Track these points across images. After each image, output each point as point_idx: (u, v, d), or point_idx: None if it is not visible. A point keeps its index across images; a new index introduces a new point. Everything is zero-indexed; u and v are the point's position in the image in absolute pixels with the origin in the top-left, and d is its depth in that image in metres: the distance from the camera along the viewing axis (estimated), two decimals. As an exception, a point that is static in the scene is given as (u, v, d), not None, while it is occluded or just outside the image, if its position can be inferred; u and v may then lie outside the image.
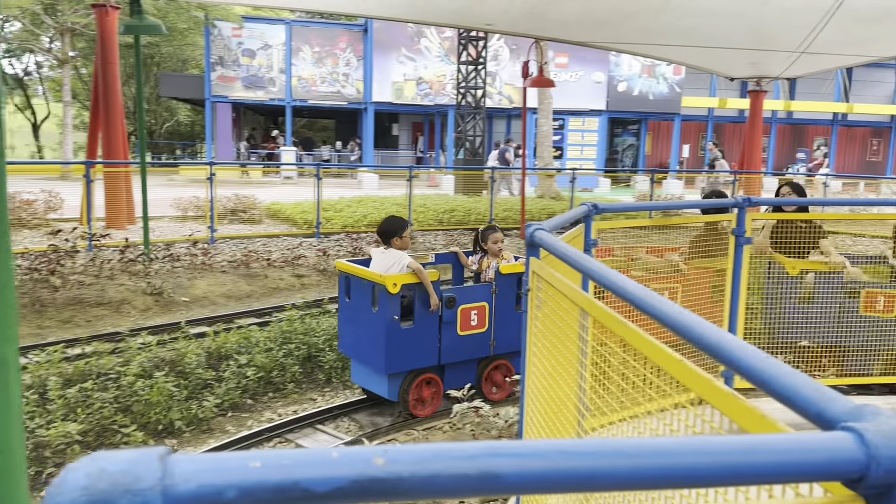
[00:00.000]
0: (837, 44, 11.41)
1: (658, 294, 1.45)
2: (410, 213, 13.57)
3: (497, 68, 27.61)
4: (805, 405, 0.92)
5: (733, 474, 0.75)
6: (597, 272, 1.75)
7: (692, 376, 1.24)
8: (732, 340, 1.14)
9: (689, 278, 4.71)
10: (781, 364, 1.02)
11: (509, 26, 12.13)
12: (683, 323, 1.29)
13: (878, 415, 0.82)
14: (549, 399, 2.27)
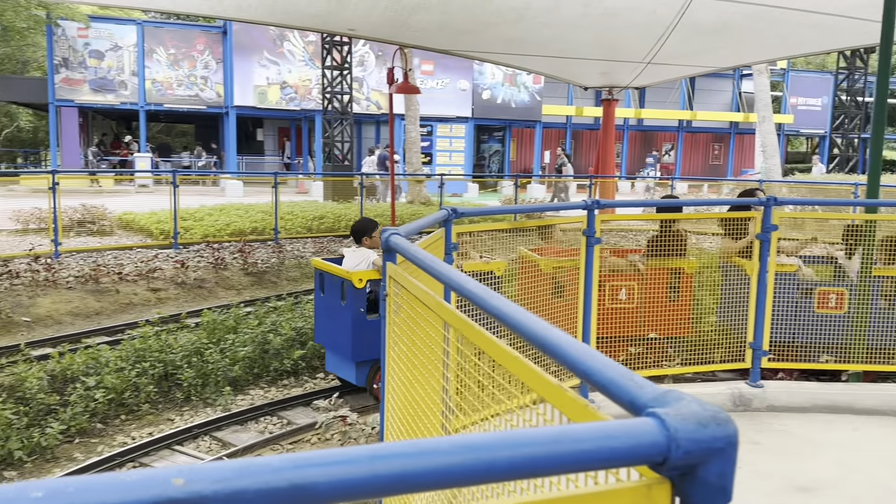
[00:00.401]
0: (680, 55, 12.27)
1: (497, 294, 1.48)
2: (277, 221, 13.24)
3: (364, 74, 27.54)
4: (620, 394, 0.97)
5: (540, 465, 0.77)
6: (444, 274, 1.76)
7: (533, 376, 1.27)
8: (560, 336, 1.18)
9: (646, 277, 5.17)
10: (601, 357, 1.07)
11: (372, 32, 12.12)
12: (517, 319, 1.32)
13: (681, 399, 0.87)
14: (409, 403, 2.27)
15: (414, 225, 2.78)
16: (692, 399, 0.86)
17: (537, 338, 1.24)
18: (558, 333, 1.19)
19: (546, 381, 1.20)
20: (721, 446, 0.80)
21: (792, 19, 9.55)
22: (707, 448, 0.79)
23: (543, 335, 1.22)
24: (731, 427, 0.81)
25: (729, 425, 0.81)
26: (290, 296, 8.94)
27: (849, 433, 4.49)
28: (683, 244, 5.56)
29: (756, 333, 4.99)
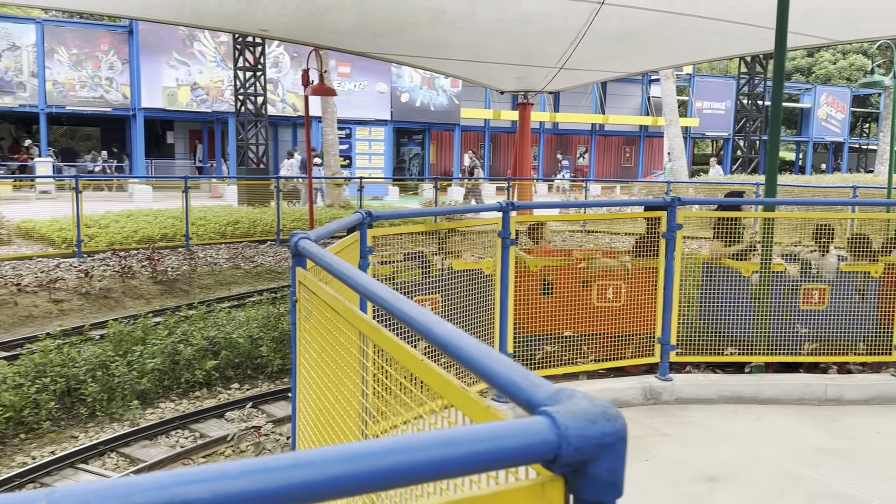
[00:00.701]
0: (591, 60, 12.60)
1: (403, 297, 1.47)
2: (188, 227, 12.82)
3: (278, 75, 27.04)
4: (517, 393, 0.97)
5: (433, 470, 0.76)
6: (353, 278, 1.74)
7: (439, 381, 1.27)
8: (463, 338, 1.18)
9: (633, 275, 5.35)
10: (501, 358, 1.07)
11: (285, 33, 11.92)
12: (423, 323, 1.31)
13: (572, 397, 0.88)
14: (322, 410, 2.23)
15: (326, 229, 2.73)
16: (583, 396, 0.87)
17: (442, 341, 1.23)
18: (462, 337, 1.19)
19: (451, 384, 1.20)
20: (611, 442, 0.81)
21: (696, 26, 9.96)
22: (597, 444, 0.80)
23: (448, 338, 1.22)
24: (619, 422, 0.82)
25: (618, 421, 0.82)
26: (202, 304, 8.67)
27: (753, 423, 4.70)
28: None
29: (664, 329, 5.17)
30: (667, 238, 5.07)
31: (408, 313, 1.39)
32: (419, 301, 4.80)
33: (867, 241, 5.81)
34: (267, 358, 6.80)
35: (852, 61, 42.43)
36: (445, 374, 1.22)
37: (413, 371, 1.33)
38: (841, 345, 5.42)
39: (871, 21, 9.36)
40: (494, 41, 11.24)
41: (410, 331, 1.41)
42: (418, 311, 1.36)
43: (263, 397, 6.18)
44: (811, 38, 10.47)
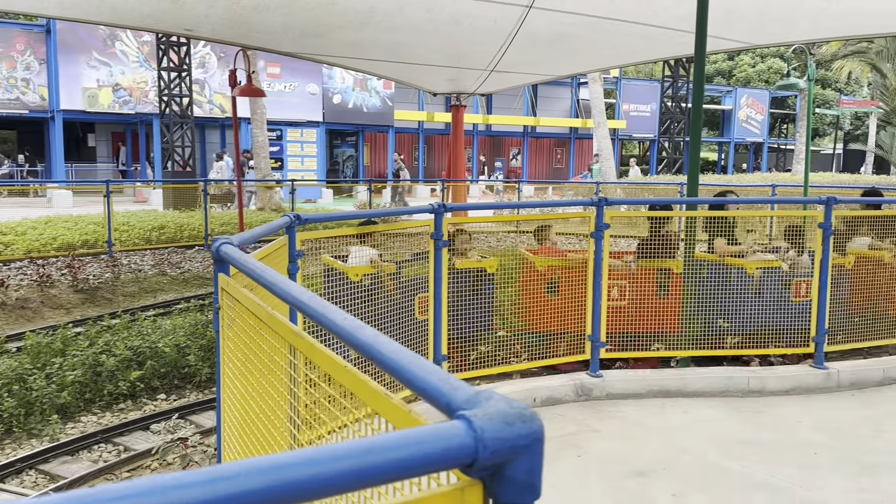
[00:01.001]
0: (521, 63, 12.77)
1: (325, 302, 1.44)
2: (111, 233, 12.35)
3: (205, 76, 26.37)
4: (437, 397, 0.96)
5: (350, 480, 0.74)
6: (276, 284, 1.70)
7: (363, 388, 1.24)
8: (383, 343, 1.16)
9: (637, 276, 5.57)
10: (422, 362, 1.06)
11: (212, 33, 11.64)
12: (344, 328, 1.29)
13: (490, 399, 0.87)
14: (248, 421, 2.17)
15: (250, 233, 2.67)
16: (501, 398, 0.87)
17: (364, 346, 1.21)
18: (384, 342, 1.17)
19: (375, 391, 1.17)
20: (527, 443, 0.81)
21: (621, 30, 10.20)
22: (513, 446, 0.80)
23: (369, 343, 1.20)
24: (536, 423, 0.82)
25: (534, 422, 0.82)
26: (126, 313, 8.35)
27: (680, 416, 4.84)
28: (674, 245, 5.90)
29: (593, 326, 5.27)
30: (595, 237, 5.17)
31: (330, 318, 1.36)
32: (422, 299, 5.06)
33: (801, 235, 6.07)
34: (195, 367, 6.61)
35: (770, 64, 44.32)
36: (369, 382, 1.20)
37: (337, 378, 1.30)
38: (762, 338, 5.64)
39: (781, 25, 9.79)
40: (425, 43, 11.26)
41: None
42: (341, 316, 1.33)
43: (191, 407, 6.00)
44: (729, 42, 10.87)
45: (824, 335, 5.48)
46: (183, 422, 5.77)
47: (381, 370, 1.16)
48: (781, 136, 48.32)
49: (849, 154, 46.07)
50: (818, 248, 5.44)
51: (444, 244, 4.82)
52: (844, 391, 5.30)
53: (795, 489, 3.69)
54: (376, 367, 1.23)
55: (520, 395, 4.98)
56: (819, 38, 11.25)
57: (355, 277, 5.23)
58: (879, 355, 5.89)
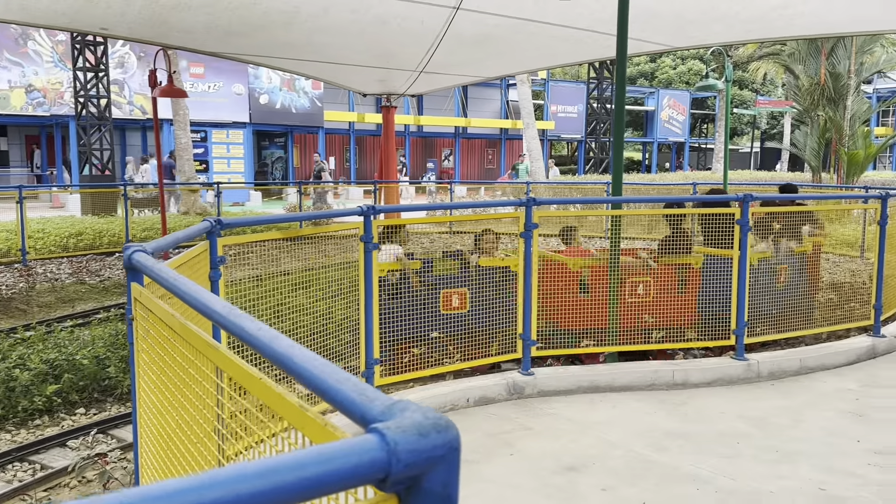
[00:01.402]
0: (449, 64, 12.79)
1: (242, 312, 1.39)
2: (24, 241, 11.76)
3: (124, 76, 25.44)
4: (353, 409, 0.93)
5: (259, 501, 0.70)
6: (186, 292, 1.63)
7: (279, 400, 1.19)
8: (299, 353, 1.12)
9: (658, 273, 5.72)
10: (337, 372, 1.02)
11: (129, 32, 11.21)
12: (257, 338, 1.24)
13: (405, 410, 0.84)
14: (166, 436, 2.08)
15: (165, 240, 2.56)
16: (417, 409, 0.84)
17: (278, 357, 1.17)
18: (299, 352, 1.13)
19: (290, 404, 1.13)
20: (442, 454, 0.78)
21: (546, 33, 10.35)
22: (428, 458, 0.77)
23: (283, 353, 1.15)
24: (451, 433, 0.80)
25: (449, 431, 0.80)
26: (41, 324, 7.95)
27: (609, 410, 4.93)
28: (690, 242, 6.11)
29: (524, 325, 5.31)
30: (524, 237, 5.21)
31: (244, 329, 1.30)
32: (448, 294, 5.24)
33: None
34: (116, 379, 6.34)
35: (690, 66, 45.87)
36: (285, 394, 1.15)
37: (252, 391, 1.25)
38: (686, 331, 5.81)
39: (698, 28, 10.13)
40: (352, 44, 11.15)
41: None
42: (255, 326, 1.28)
43: (113, 421, 5.75)
44: (650, 44, 11.17)
45: (744, 328, 5.68)
46: (103, 436, 5.53)
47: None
48: (702, 135, 50.10)
49: (766, 152, 48.17)
50: (736, 244, 5.63)
51: (374, 246, 4.77)
52: (764, 381, 5.51)
53: (720, 479, 3.80)
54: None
55: (453, 395, 4.98)
56: (734, 40, 11.69)
57: (381, 273, 5.43)
58: (797, 346, 6.16)
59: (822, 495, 3.60)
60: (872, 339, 6.24)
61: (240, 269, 7.30)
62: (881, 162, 43.34)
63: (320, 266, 5.34)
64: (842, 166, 20.75)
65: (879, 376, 5.62)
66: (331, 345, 4.98)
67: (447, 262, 5.86)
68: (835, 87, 21.85)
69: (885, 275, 6.47)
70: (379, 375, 4.99)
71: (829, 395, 5.19)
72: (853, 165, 20.08)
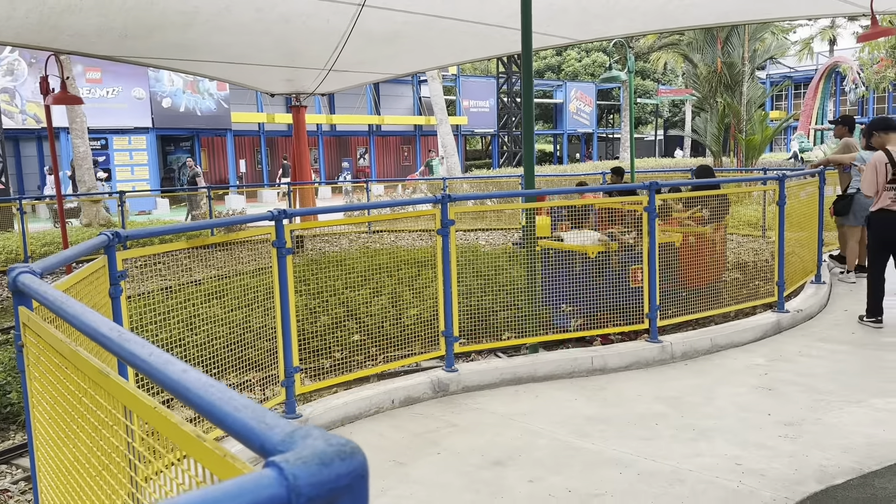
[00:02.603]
0: (358, 62, 12.65)
1: (133, 336, 1.29)
2: None
3: (14, 84, 23.99)
4: (252, 438, 0.87)
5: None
6: (74, 315, 1.51)
7: (174, 430, 1.10)
8: (194, 379, 1.04)
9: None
10: (235, 398, 0.95)
11: (16, 38, 10.52)
12: (147, 363, 1.15)
13: (307, 438, 0.79)
14: (64, 466, 1.93)
15: (56, 258, 2.39)
16: (319, 435, 0.79)
17: (170, 383, 1.08)
18: (193, 378, 1.05)
19: (184, 433, 1.05)
20: (347, 483, 0.73)
21: (455, 28, 10.37)
22: (332, 489, 0.72)
23: (176, 380, 1.07)
24: (356, 460, 0.75)
25: (355, 458, 0.75)
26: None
27: (532, 401, 4.98)
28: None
29: (447, 321, 5.30)
30: (441, 234, 5.19)
31: (134, 353, 1.21)
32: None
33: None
34: (19, 405, 5.95)
35: (595, 58, 47.13)
36: (180, 422, 1.07)
37: (144, 419, 1.16)
38: (603, 318, 5.94)
39: (601, 21, 10.39)
40: (256, 43, 10.86)
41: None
42: (146, 352, 1.19)
43: (17, 450, 5.40)
44: (555, 38, 11.38)
45: (656, 311, 5.85)
46: (6, 466, 5.18)
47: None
48: (609, 125, 51.60)
49: (669, 139, 50.06)
50: (645, 231, 5.79)
51: (288, 252, 4.64)
52: (678, 362, 5.70)
53: (641, 461, 3.89)
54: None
55: (378, 397, 4.91)
56: (635, 32, 12.04)
57: (592, 255, 5.99)
58: (707, 325, 6.40)
59: (739, 469, 3.74)
60: (777, 315, 6.55)
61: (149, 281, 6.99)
62: (777, 144, 45.81)
63: (234, 273, 5.18)
64: (741, 150, 21.78)
65: (785, 350, 5.90)
66: (249, 355, 4.83)
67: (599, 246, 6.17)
68: (731, 74, 22.90)
69: (785, 252, 6.81)
70: (300, 383, 4.87)
71: (739, 372, 5.41)
72: (751, 149, 21.11)
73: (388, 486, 3.76)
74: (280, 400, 4.71)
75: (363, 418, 4.81)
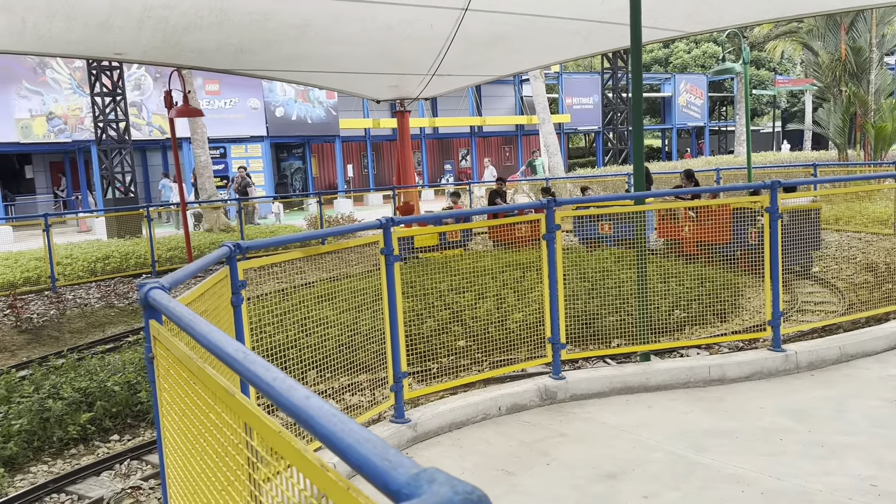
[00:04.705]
0: (461, 66, 12.72)
1: (257, 357, 1.32)
2: (53, 267, 11.90)
3: (142, 98, 25.72)
4: (375, 475, 0.86)
5: None
6: (202, 334, 1.57)
7: (304, 462, 1.09)
8: (317, 406, 1.05)
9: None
10: (356, 430, 0.95)
11: (143, 55, 11.30)
12: (273, 387, 1.17)
13: (433, 482, 0.77)
14: (191, 474, 2.02)
15: (183, 272, 2.51)
16: (446, 480, 0.77)
17: (293, 409, 1.10)
18: (317, 405, 1.06)
19: (313, 465, 1.04)
20: (477, 535, 0.71)
21: (557, 27, 10.23)
22: (463, 541, 0.70)
23: (299, 406, 1.08)
24: (484, 508, 0.73)
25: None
26: (72, 351, 8.01)
27: (645, 412, 4.81)
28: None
29: (553, 328, 5.21)
30: (547, 240, 5.11)
31: (257, 375, 1.24)
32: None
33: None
34: (147, 404, 6.35)
35: (705, 49, 45.28)
36: (311, 456, 1.06)
37: (277, 450, 1.17)
38: (715, 325, 5.67)
39: (714, 11, 9.95)
40: (363, 52, 11.12)
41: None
42: (271, 376, 1.21)
43: (146, 447, 5.76)
44: (664, 31, 11.00)
45: (780, 318, 5.53)
46: (137, 462, 5.54)
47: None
48: (721, 118, 49.44)
49: (787, 132, 47.36)
50: (766, 233, 5.48)
51: (396, 259, 4.71)
52: (803, 372, 5.36)
53: (765, 479, 3.68)
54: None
55: (484, 404, 4.90)
56: (751, 21, 11.47)
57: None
58: (835, 333, 5.98)
59: (874, 491, 3.46)
60: (914, 322, 6.04)
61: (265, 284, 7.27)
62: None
63: (344, 277, 5.30)
64: (869, 142, 20.30)
65: (924, 360, 5.43)
66: (358, 357, 4.93)
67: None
68: (857, 62, 21.40)
69: (923, 254, 6.27)
70: (408, 388, 4.92)
71: (872, 383, 5.03)
72: (881, 140, 19.63)
73: (496, 495, 3.73)
74: (389, 404, 4.78)
75: (469, 425, 4.81)
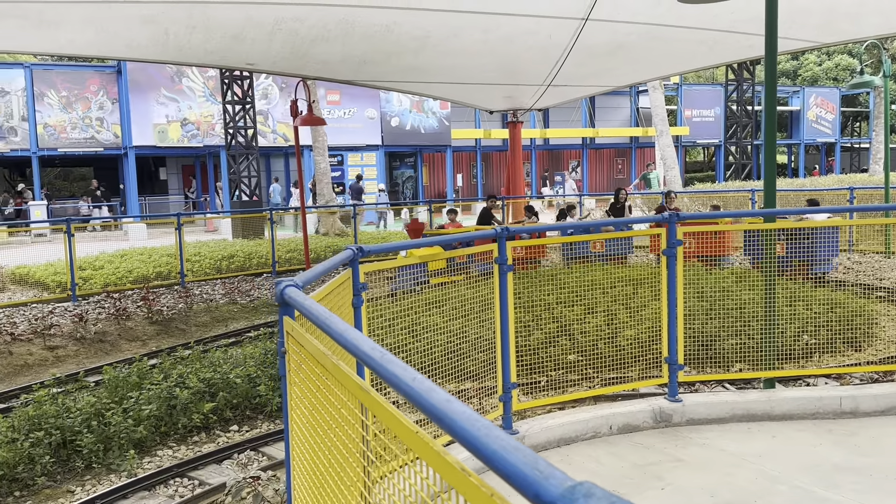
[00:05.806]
0: (578, 76, 12.57)
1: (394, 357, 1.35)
2: (182, 264, 12.68)
3: (268, 107, 27.08)
4: (524, 485, 0.85)
5: None
6: (339, 332, 1.61)
7: (445, 467, 1.09)
8: (459, 410, 1.05)
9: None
10: (502, 437, 0.94)
11: (272, 66, 11.88)
12: (412, 388, 1.19)
13: (589, 497, 0.75)
14: (317, 468, 2.09)
15: (313, 272, 2.61)
16: (603, 495, 0.75)
17: (433, 411, 1.11)
18: (458, 409, 1.06)
19: (455, 471, 1.03)
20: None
21: (681, 37, 9.93)
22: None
23: (439, 409, 1.09)
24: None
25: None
26: (198, 343, 8.50)
27: (768, 441, 4.55)
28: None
29: (670, 348, 5.03)
30: (667, 255, 4.95)
31: (397, 377, 1.26)
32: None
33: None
34: (266, 397, 6.65)
35: (838, 62, 42.64)
36: (455, 462, 1.05)
37: (416, 452, 1.18)
38: (846, 354, 5.29)
39: (850, 22, 9.35)
40: (480, 63, 11.21)
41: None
42: (410, 376, 1.23)
43: (263, 439, 6.02)
44: (796, 42, 10.45)
45: (923, 350, 5.09)
46: (255, 454, 5.79)
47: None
48: (854, 134, 46.34)
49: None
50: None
51: (509, 268, 4.70)
52: (950, 410, 4.90)
53: (905, 524, 3.39)
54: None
55: (595, 421, 4.79)
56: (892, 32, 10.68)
57: None
58: None
59: None
60: None
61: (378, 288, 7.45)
62: None
63: (453, 284, 5.33)
64: None
65: None
66: (465, 364, 4.94)
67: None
68: None
69: None
70: (516, 399, 4.89)
71: None
72: None
73: (608, 516, 3.62)
74: (497, 414, 4.76)
75: (579, 441, 4.71)
